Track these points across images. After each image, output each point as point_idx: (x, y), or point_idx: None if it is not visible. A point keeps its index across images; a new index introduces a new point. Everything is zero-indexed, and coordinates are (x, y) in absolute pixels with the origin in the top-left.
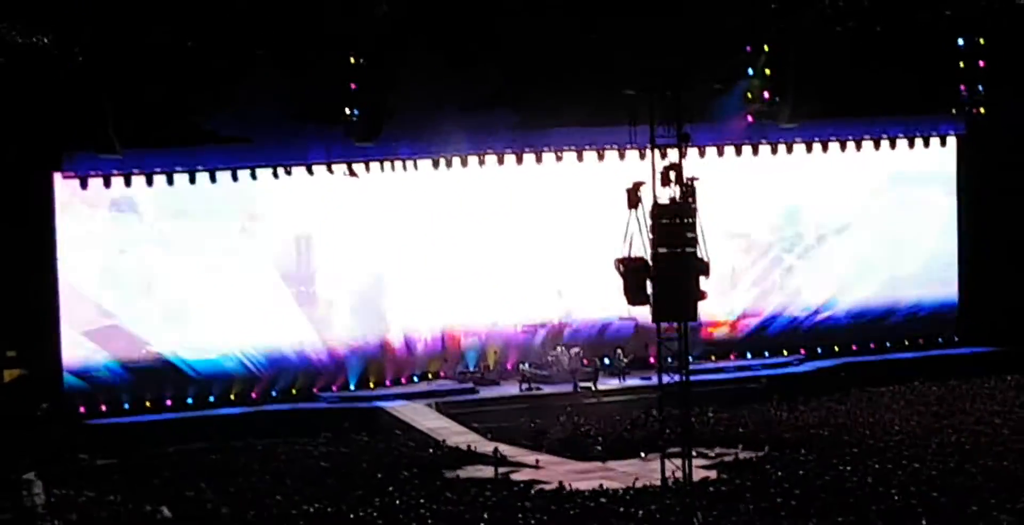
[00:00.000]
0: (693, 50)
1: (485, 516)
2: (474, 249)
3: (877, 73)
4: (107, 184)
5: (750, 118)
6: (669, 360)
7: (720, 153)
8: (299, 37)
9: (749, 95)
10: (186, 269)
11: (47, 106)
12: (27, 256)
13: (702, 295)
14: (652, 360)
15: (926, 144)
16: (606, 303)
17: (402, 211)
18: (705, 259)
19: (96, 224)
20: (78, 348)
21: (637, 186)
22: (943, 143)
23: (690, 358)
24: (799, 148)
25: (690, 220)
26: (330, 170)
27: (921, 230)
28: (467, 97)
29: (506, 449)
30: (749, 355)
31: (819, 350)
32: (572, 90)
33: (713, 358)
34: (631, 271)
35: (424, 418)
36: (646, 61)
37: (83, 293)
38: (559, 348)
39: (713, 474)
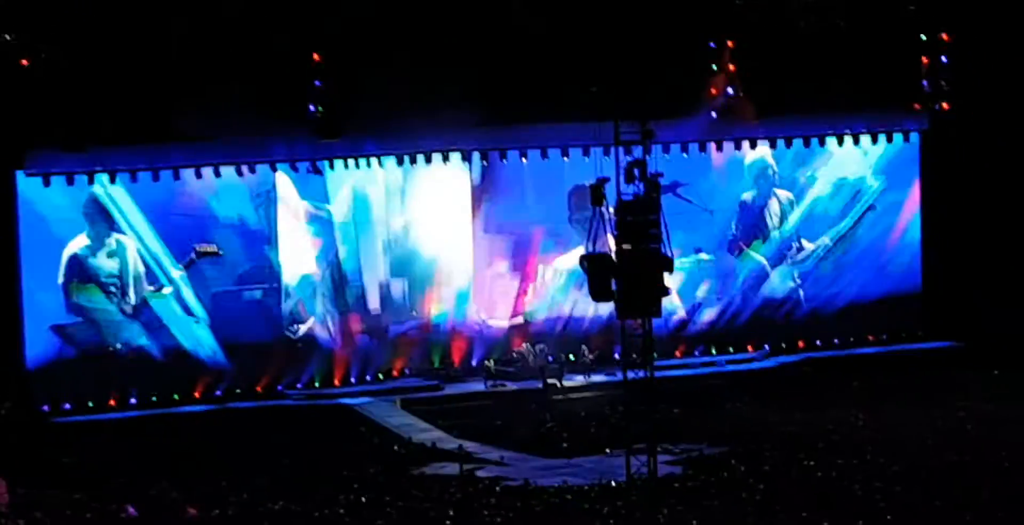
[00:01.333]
0: (657, 47)
1: (450, 513)
2: (438, 245)
3: (841, 69)
4: (70, 181)
5: (714, 114)
6: (634, 356)
7: (684, 149)
8: (263, 34)
9: (713, 91)
10: (154, 266)
11: (10, 103)
12: None
13: (665, 291)
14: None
15: (889, 139)
16: (571, 299)
17: (367, 207)
18: (669, 255)
19: (64, 221)
20: (44, 345)
21: (601, 183)
22: (907, 139)
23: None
24: (763, 144)
25: (654, 216)
26: (294, 167)
27: (885, 225)
28: (433, 94)
29: (471, 446)
30: (714, 350)
31: (783, 345)
32: (537, 87)
33: (678, 354)
34: (596, 268)
35: (389, 415)
36: (610, 58)
37: (52, 290)
38: (524, 344)
39: (678, 470)
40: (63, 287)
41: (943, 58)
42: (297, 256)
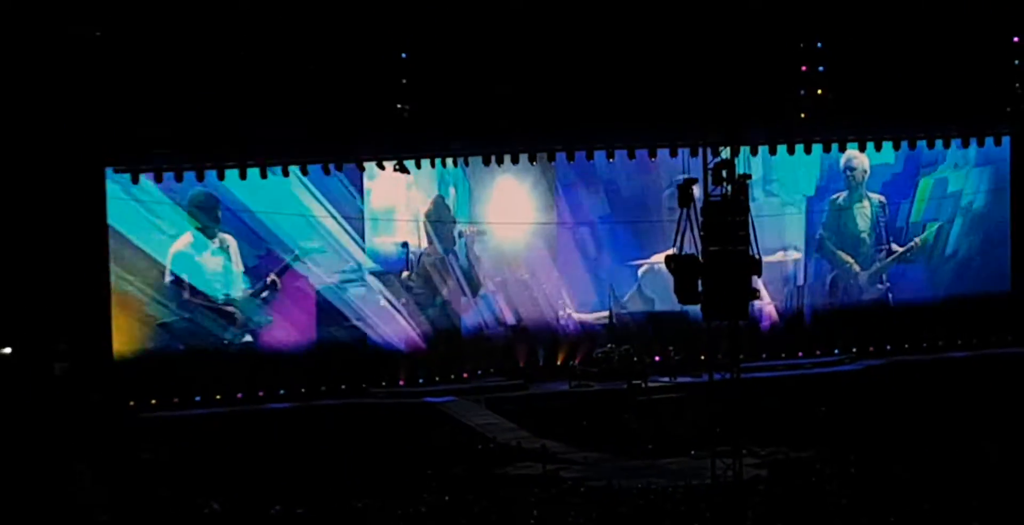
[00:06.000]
0: (747, 48)
1: (534, 513)
2: (522, 244)
3: (933, 72)
4: (159, 179)
5: (803, 115)
6: (720, 357)
7: (772, 151)
8: (349, 32)
9: (802, 92)
10: (257, 262)
11: (98, 101)
12: (79, 250)
13: (754, 294)
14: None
15: (981, 143)
16: (658, 300)
17: (453, 205)
18: (756, 257)
19: (158, 218)
20: (138, 340)
21: (689, 183)
22: (998, 142)
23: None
24: (852, 146)
25: (741, 218)
26: (380, 166)
27: (975, 228)
28: (519, 92)
29: (555, 446)
30: (800, 353)
31: (870, 348)
32: (623, 83)
33: (764, 356)
34: (682, 269)
35: (473, 414)
36: (700, 60)
37: (150, 285)
38: (610, 345)
39: (763, 473)
40: (170, 284)
41: None
42: (387, 253)
